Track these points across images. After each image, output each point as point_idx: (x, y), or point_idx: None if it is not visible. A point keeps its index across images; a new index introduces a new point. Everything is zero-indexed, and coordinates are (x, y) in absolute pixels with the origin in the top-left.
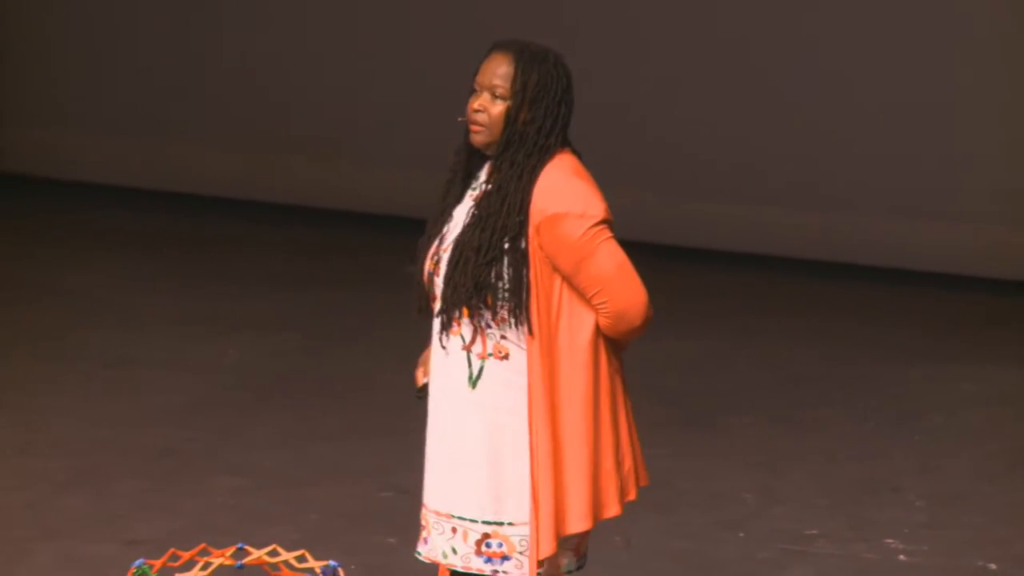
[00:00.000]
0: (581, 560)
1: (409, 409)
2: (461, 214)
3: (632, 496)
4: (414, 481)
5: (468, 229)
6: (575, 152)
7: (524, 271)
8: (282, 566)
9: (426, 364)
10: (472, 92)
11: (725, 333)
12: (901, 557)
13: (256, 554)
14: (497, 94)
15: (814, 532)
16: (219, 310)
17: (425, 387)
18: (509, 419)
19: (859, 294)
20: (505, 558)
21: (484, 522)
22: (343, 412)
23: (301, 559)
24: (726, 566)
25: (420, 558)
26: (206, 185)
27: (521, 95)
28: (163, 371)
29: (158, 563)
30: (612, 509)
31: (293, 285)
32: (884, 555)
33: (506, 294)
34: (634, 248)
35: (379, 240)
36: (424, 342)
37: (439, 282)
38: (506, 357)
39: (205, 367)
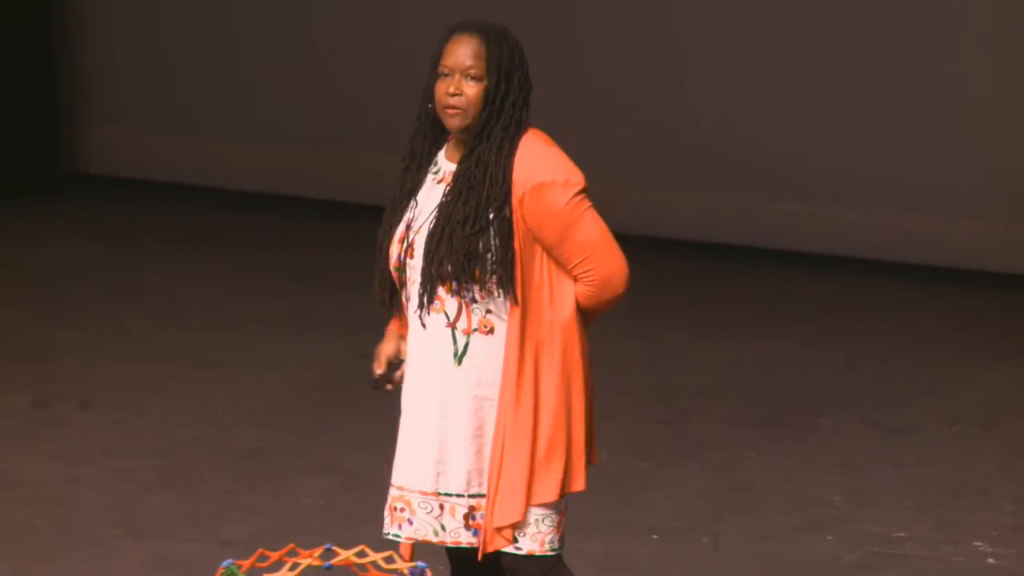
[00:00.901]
0: (562, 540)
1: None
2: (426, 199)
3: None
4: None
5: (449, 204)
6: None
7: (510, 241)
8: (370, 567)
9: (381, 355)
10: (439, 77)
11: (810, 335)
12: (990, 560)
13: (344, 555)
14: (472, 75)
15: (902, 535)
16: (304, 310)
17: (382, 377)
18: (494, 392)
19: (942, 296)
20: (478, 529)
21: (470, 495)
22: None
23: (389, 560)
24: (813, 569)
25: (400, 539)
26: (285, 184)
27: (497, 73)
28: (250, 371)
29: (246, 563)
30: (579, 483)
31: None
32: (972, 558)
33: (494, 265)
34: (718, 249)
35: None
36: (380, 335)
37: (414, 263)
38: (491, 331)
39: (292, 367)
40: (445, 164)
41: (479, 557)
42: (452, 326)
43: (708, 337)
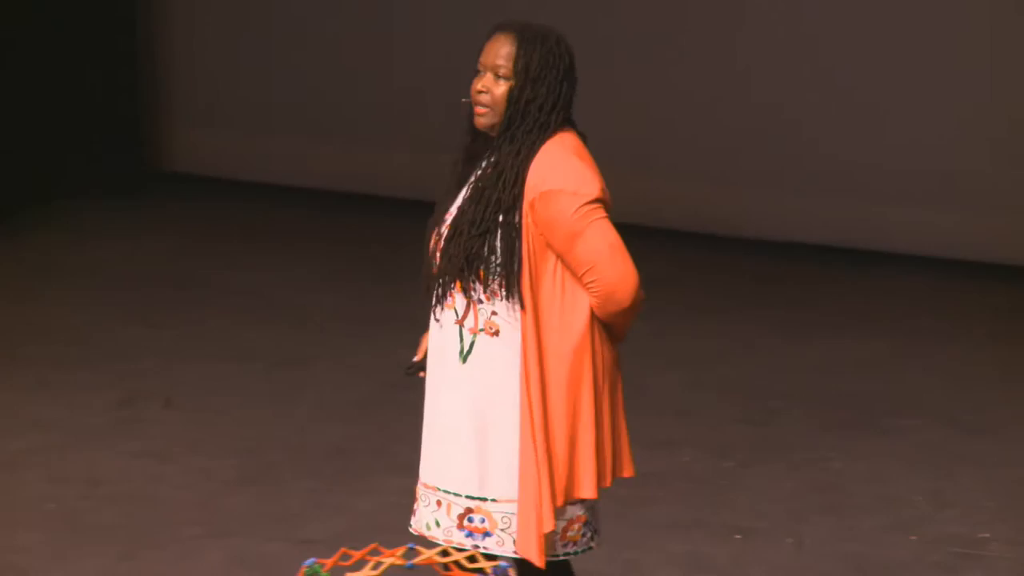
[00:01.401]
0: (572, 545)
1: None
2: (464, 194)
3: (608, 483)
4: None
5: (465, 203)
6: (579, 133)
7: (516, 245)
8: (453, 566)
9: (421, 344)
10: (476, 73)
11: (894, 335)
12: None
13: (427, 554)
14: (500, 74)
15: (986, 536)
16: (385, 308)
17: (414, 365)
18: (497, 395)
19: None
20: (487, 534)
21: (468, 496)
22: None
23: (472, 559)
24: (897, 569)
25: (411, 530)
26: (368, 184)
27: (524, 75)
28: (333, 370)
29: (329, 562)
30: (587, 491)
31: None
32: None
33: (498, 268)
34: (805, 249)
35: None
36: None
37: (439, 257)
38: (496, 333)
39: (374, 366)
40: (488, 161)
41: (538, 563)
42: (460, 323)
43: (794, 338)
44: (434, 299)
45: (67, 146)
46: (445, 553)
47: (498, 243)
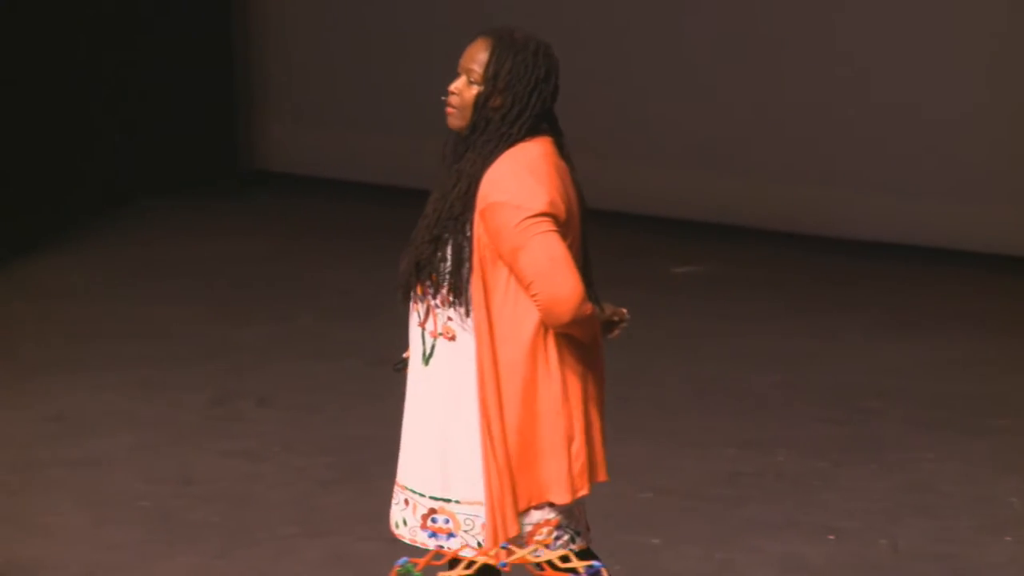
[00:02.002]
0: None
1: (668, 409)
2: None
3: (586, 489)
4: (674, 482)
5: (428, 207)
6: (558, 143)
7: (466, 253)
8: (545, 566)
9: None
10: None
11: (986, 335)
12: None
13: (519, 553)
14: (472, 79)
15: None
16: None
17: (402, 361)
18: (456, 399)
19: None
20: (451, 535)
21: (432, 497)
22: (608, 411)
23: (564, 559)
24: (992, 571)
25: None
26: None
27: (492, 82)
28: None
29: (422, 561)
30: (555, 495)
31: None
32: None
33: (447, 275)
34: (898, 249)
35: (641, 239)
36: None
37: None
38: (453, 339)
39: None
40: None
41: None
42: (422, 326)
43: (887, 337)
44: (404, 301)
45: (162, 144)
46: (538, 552)
47: (448, 250)
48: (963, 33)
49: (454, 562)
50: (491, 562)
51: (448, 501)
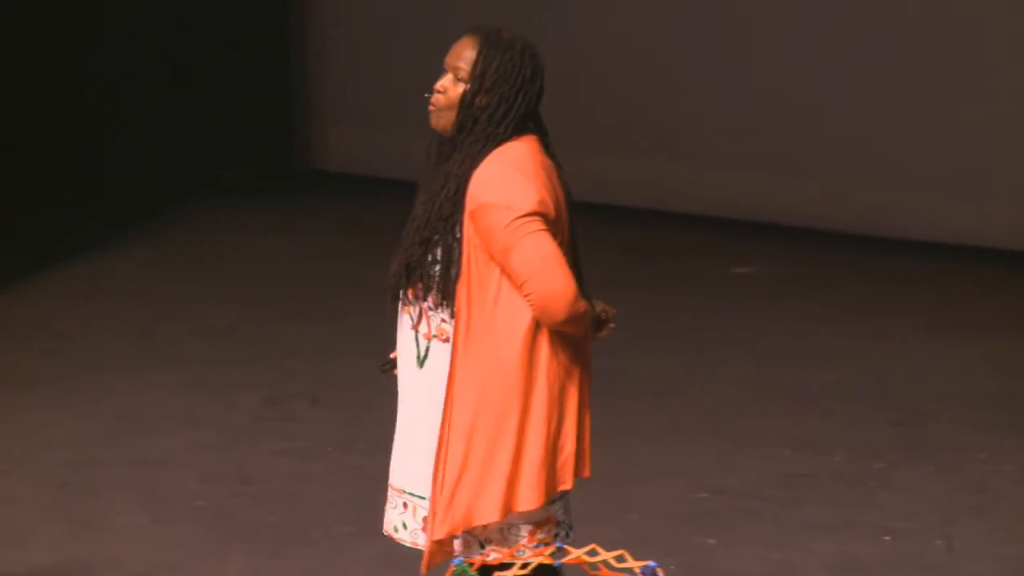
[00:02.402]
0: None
1: (725, 410)
2: None
3: (568, 485)
4: (731, 482)
5: (417, 208)
6: (543, 142)
7: (455, 255)
8: (601, 566)
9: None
10: (442, 72)
11: None
12: None
13: (575, 553)
14: (459, 76)
15: None
16: None
17: (389, 361)
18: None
19: None
20: (453, 537)
21: (420, 496)
22: (663, 412)
23: (620, 559)
24: None
25: (384, 531)
26: None
27: (479, 80)
28: None
29: (477, 561)
30: (531, 502)
31: (613, 285)
32: None
33: (436, 277)
34: (955, 250)
35: (700, 240)
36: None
37: None
38: (447, 340)
39: None
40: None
41: (422, 568)
42: (415, 329)
43: (943, 338)
44: (392, 303)
45: (218, 144)
46: (594, 552)
47: (439, 251)
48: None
49: (510, 562)
50: (547, 562)
51: (421, 497)
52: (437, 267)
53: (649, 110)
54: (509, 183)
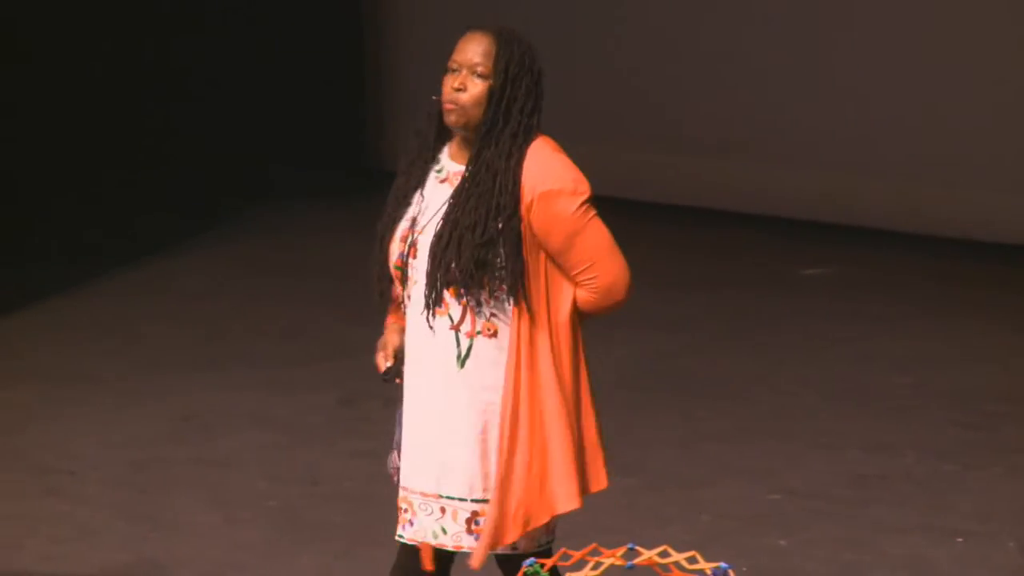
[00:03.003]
0: (552, 533)
1: (797, 411)
2: (431, 198)
3: (604, 484)
4: (802, 483)
5: (456, 208)
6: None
7: (519, 249)
8: (672, 567)
9: (387, 348)
10: (447, 72)
11: None
12: None
13: (647, 554)
14: (478, 72)
15: None
16: None
17: (390, 370)
18: (496, 396)
19: None
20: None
21: (473, 500)
22: (733, 413)
23: (692, 560)
24: None
25: (403, 540)
26: (594, 184)
27: (504, 74)
28: None
29: (548, 562)
30: (601, 482)
31: (683, 285)
32: None
33: (502, 272)
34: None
35: (770, 241)
36: (380, 328)
37: (416, 264)
38: (495, 335)
39: (596, 365)
40: (449, 164)
41: (476, 564)
42: (456, 329)
43: (1016, 340)
44: (423, 306)
45: (289, 144)
46: (665, 554)
47: (501, 249)
48: None
49: (581, 563)
50: (618, 563)
51: (484, 501)
52: (499, 262)
53: (717, 108)
54: (568, 169)
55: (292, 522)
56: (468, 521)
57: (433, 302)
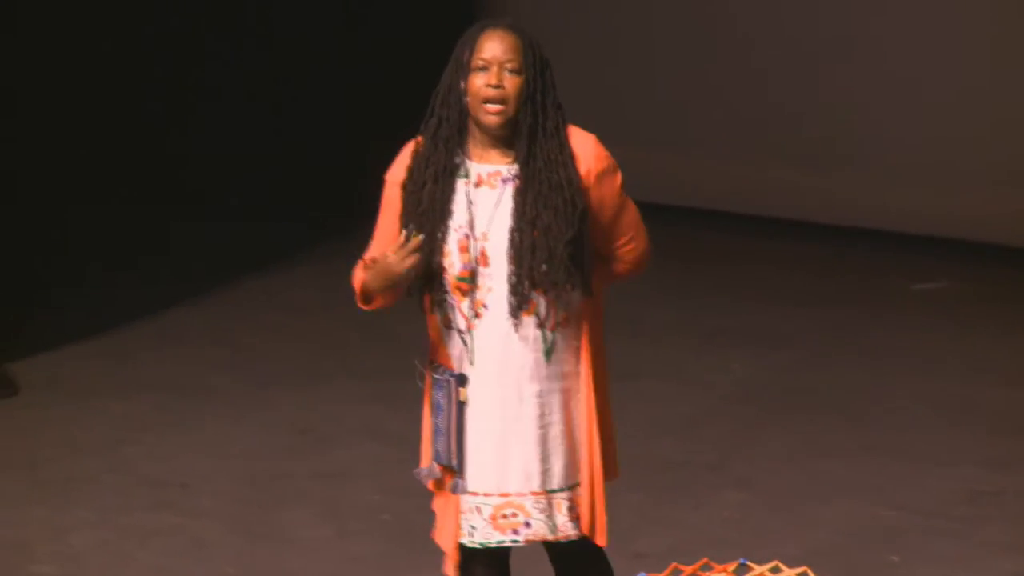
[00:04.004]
0: None
1: (908, 427)
2: (478, 202)
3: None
4: (914, 500)
5: (527, 209)
6: None
7: (588, 235)
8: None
9: (389, 252)
10: (472, 72)
11: None
12: None
13: (758, 570)
14: (510, 68)
15: None
16: (722, 323)
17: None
18: (575, 383)
19: None
20: (578, 519)
21: (567, 488)
22: (848, 429)
23: (775, 570)
24: None
25: (519, 544)
26: (705, 198)
27: (533, 68)
28: (668, 383)
29: (688, 570)
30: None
31: (795, 300)
32: None
33: (586, 264)
34: None
35: (880, 255)
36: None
37: (489, 271)
38: (567, 322)
39: (709, 380)
40: (476, 167)
41: (604, 541)
42: (542, 325)
43: None
44: (509, 310)
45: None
46: (776, 569)
47: (585, 239)
48: None
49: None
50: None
51: (574, 487)
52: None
53: (830, 124)
54: (602, 146)
55: (405, 535)
56: (569, 509)
57: (522, 304)
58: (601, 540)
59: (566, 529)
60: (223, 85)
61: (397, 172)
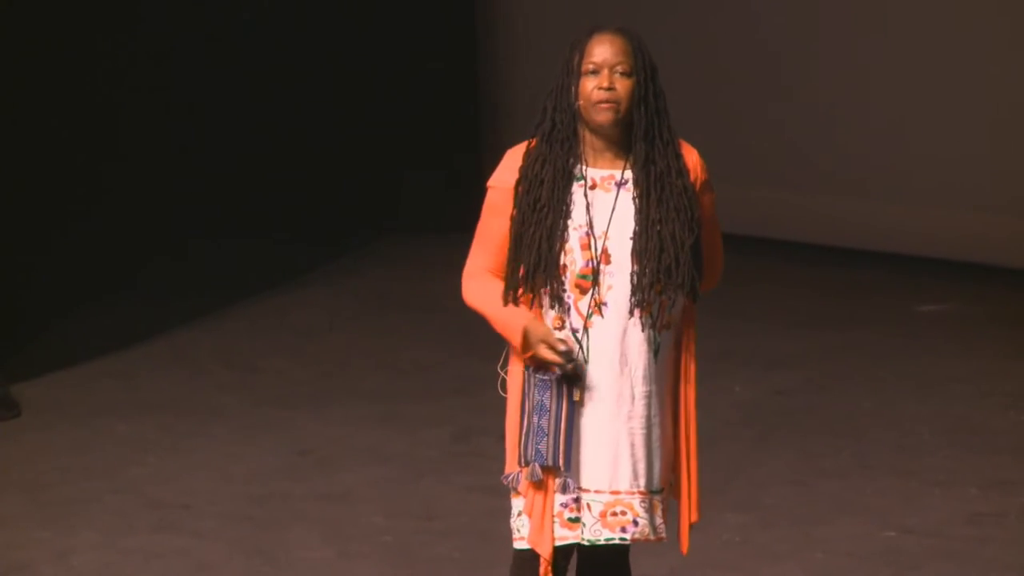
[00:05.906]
0: None
1: (912, 448)
2: (596, 203)
3: None
4: (918, 521)
5: (651, 211)
6: None
7: (701, 242)
8: None
9: (557, 336)
10: (583, 76)
11: None
12: None
13: None
14: (621, 71)
15: None
16: (728, 345)
17: (569, 352)
18: (672, 386)
19: None
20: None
21: (661, 491)
22: (849, 450)
23: None
24: None
25: (627, 542)
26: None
27: (644, 71)
28: None
29: None
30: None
31: (800, 322)
32: None
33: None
34: None
35: (884, 277)
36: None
37: (611, 269)
38: (670, 326)
39: (712, 403)
40: (590, 171)
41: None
42: (653, 326)
43: None
44: (629, 311)
45: (409, 180)
46: None
47: (699, 246)
48: None
49: None
50: None
51: (662, 491)
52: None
53: (836, 146)
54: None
55: (407, 557)
56: (663, 511)
57: (644, 303)
58: (684, 548)
59: (661, 531)
60: (232, 100)
61: (503, 177)
